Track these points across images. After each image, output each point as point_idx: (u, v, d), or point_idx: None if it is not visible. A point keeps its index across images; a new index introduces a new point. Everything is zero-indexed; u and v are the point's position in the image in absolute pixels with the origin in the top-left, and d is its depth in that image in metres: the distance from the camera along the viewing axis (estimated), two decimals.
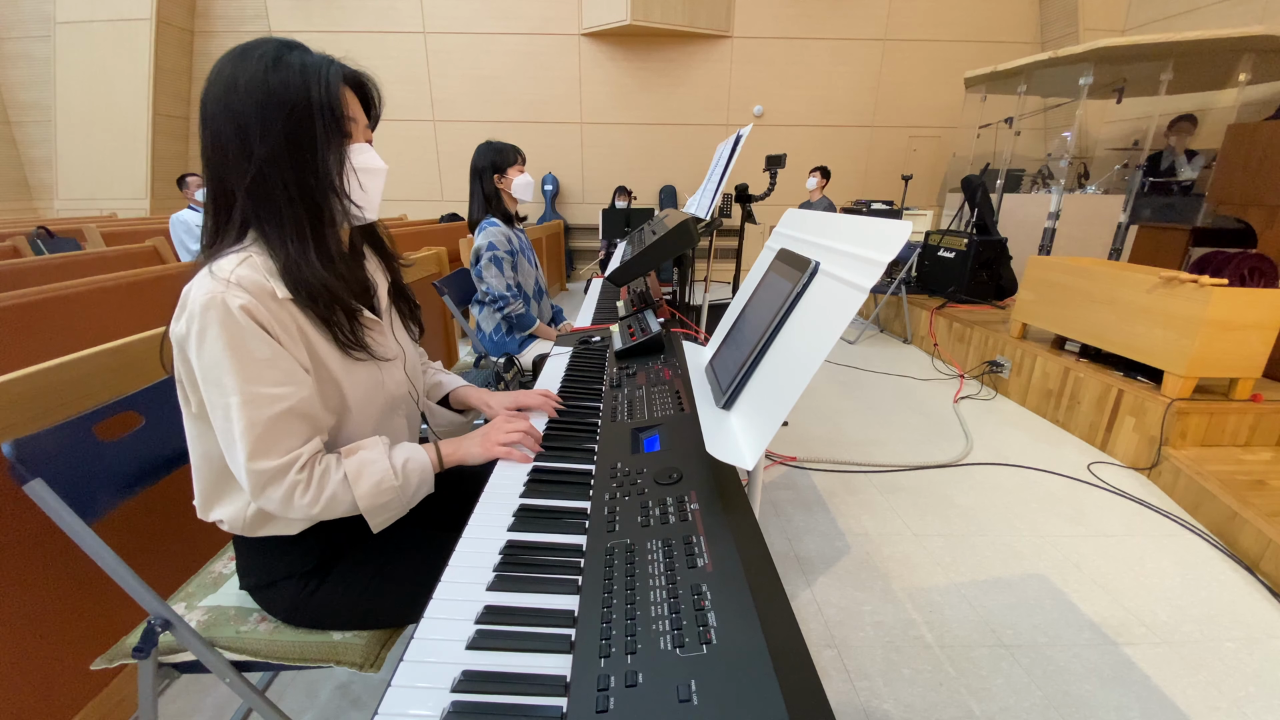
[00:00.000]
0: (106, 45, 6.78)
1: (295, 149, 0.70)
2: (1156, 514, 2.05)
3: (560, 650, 0.52)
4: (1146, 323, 2.39)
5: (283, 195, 0.71)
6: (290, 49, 0.72)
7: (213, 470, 0.79)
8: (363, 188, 0.78)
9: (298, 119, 0.70)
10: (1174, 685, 1.33)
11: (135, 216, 6.58)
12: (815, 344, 0.67)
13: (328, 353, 0.77)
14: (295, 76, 0.70)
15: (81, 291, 1.93)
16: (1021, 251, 4.31)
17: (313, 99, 0.70)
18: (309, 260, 0.73)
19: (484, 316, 2.12)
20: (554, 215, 7.39)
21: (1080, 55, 4.08)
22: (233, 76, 0.69)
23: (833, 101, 7.26)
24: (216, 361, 0.67)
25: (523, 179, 2.01)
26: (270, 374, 0.69)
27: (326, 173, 0.73)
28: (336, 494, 0.74)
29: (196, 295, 0.67)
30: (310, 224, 0.74)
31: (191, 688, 1.26)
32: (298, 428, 0.73)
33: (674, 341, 1.34)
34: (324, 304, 0.75)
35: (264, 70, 0.69)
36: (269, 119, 0.68)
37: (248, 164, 0.69)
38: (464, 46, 7.07)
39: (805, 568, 1.72)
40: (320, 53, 0.74)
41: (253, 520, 0.80)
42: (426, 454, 0.84)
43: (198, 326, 0.66)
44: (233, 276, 0.68)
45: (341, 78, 0.74)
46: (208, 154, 0.71)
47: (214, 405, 0.69)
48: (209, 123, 0.70)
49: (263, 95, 0.68)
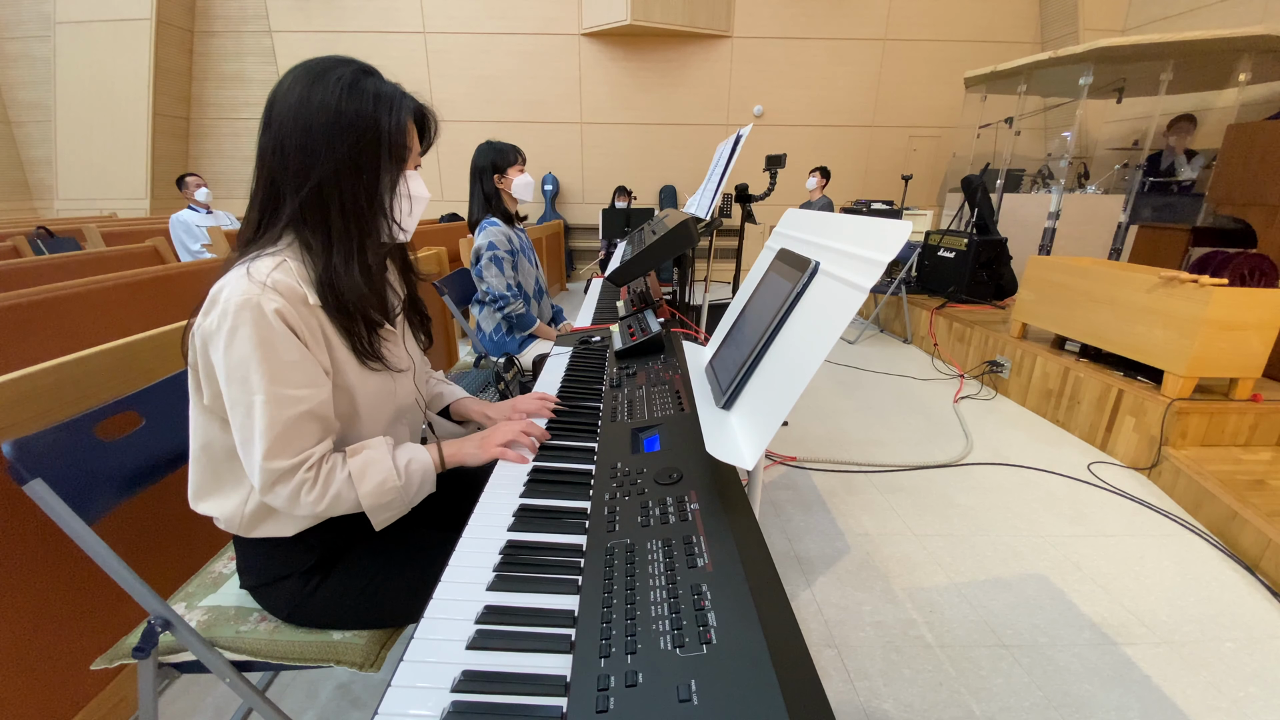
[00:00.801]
0: (106, 45, 6.78)
1: (356, 170, 0.74)
2: (1156, 514, 2.05)
3: (560, 650, 0.52)
4: (1146, 323, 2.39)
5: (336, 210, 0.74)
6: (367, 75, 0.76)
7: (211, 462, 0.80)
8: (410, 213, 0.82)
9: (365, 144, 0.74)
10: (1174, 685, 1.33)
11: (135, 216, 6.59)
12: (815, 344, 0.67)
13: (345, 360, 0.80)
14: (368, 105, 0.73)
15: (81, 291, 1.93)
16: (1021, 251, 4.31)
17: (381, 128, 0.74)
18: (350, 272, 0.76)
19: (484, 316, 2.12)
20: (554, 215, 7.39)
21: (1080, 55, 4.09)
22: (307, 92, 0.72)
23: (833, 101, 7.26)
24: (244, 360, 0.69)
25: (523, 179, 2.01)
26: (296, 376, 0.72)
27: (380, 197, 0.77)
28: (341, 492, 0.76)
29: (231, 294, 0.69)
30: (358, 240, 0.77)
31: (191, 688, 1.26)
32: (312, 429, 0.75)
33: (674, 341, 1.34)
34: (351, 314, 0.78)
35: (340, 93, 0.72)
36: (336, 139, 0.72)
37: (307, 176, 0.72)
38: (464, 46, 7.07)
39: (805, 568, 1.72)
40: (393, 83, 0.78)
41: (249, 519, 0.81)
42: (429, 455, 0.85)
43: (230, 324, 0.68)
44: (269, 280, 0.71)
45: (411, 111, 0.79)
46: (266, 157, 0.74)
47: (235, 402, 0.71)
48: (275, 129, 0.72)
49: (335, 116, 0.72)
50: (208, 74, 7.29)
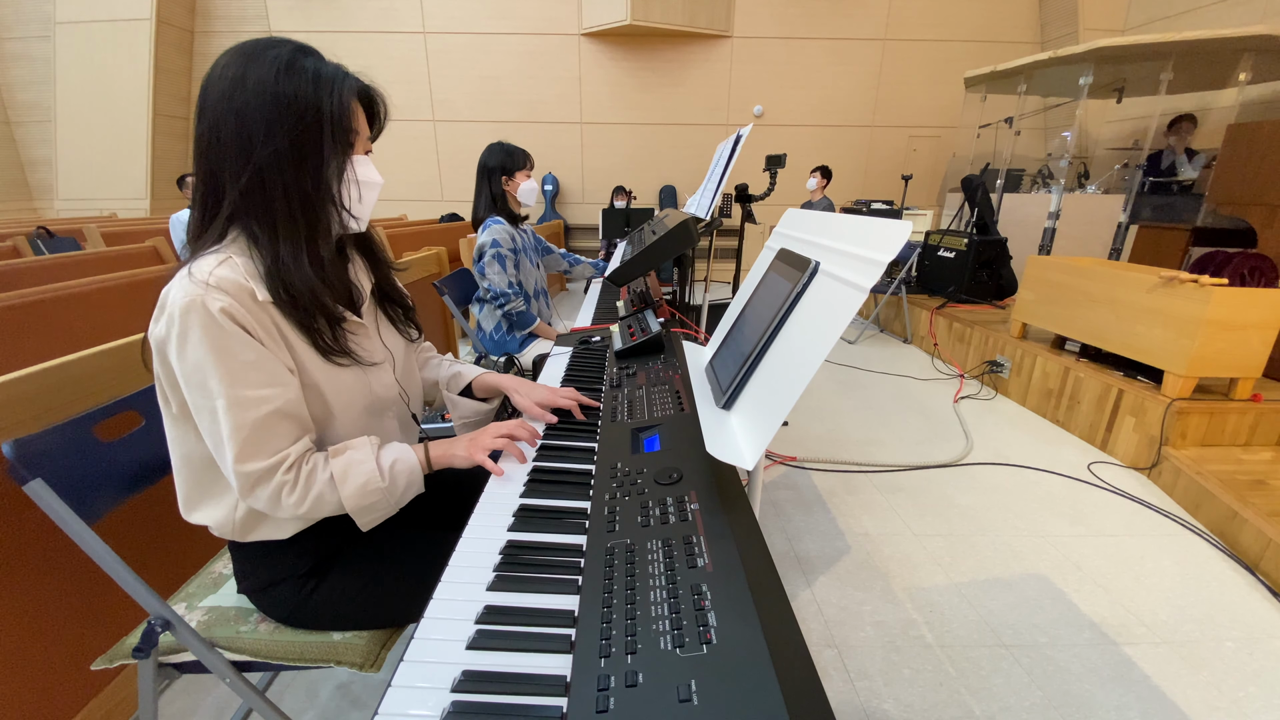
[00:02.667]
0: (106, 45, 6.78)
1: (298, 156, 0.70)
2: (1156, 514, 2.05)
3: (560, 650, 0.52)
4: (1146, 322, 2.39)
5: (280, 199, 0.70)
6: (305, 54, 0.71)
7: (193, 472, 0.78)
8: (360, 199, 0.78)
9: (305, 127, 0.70)
10: (1174, 685, 1.33)
11: (135, 216, 6.59)
12: (815, 344, 0.67)
13: (308, 357, 0.76)
14: (307, 85, 0.69)
15: (81, 291, 1.93)
16: (1021, 251, 4.31)
17: (323, 110, 0.70)
18: (300, 264, 0.72)
19: (484, 315, 2.12)
20: (554, 215, 7.39)
21: (1080, 55, 4.09)
22: (241, 73, 0.68)
23: (833, 101, 7.26)
24: (199, 365, 0.67)
25: (528, 185, 2.03)
26: (254, 376, 0.69)
27: (327, 183, 0.73)
28: (323, 494, 0.74)
29: (175, 297, 0.66)
30: (305, 230, 0.73)
31: (191, 688, 1.26)
32: (285, 428, 0.72)
33: (674, 341, 1.34)
34: (306, 309, 0.74)
35: (275, 73, 0.68)
36: (274, 122, 0.68)
37: (246, 163, 0.68)
38: (464, 46, 7.07)
39: (805, 568, 1.72)
40: (334, 63, 0.74)
41: (242, 525, 0.79)
42: (415, 455, 0.82)
43: (179, 329, 0.66)
44: (211, 279, 0.67)
45: (355, 91, 0.75)
46: (202, 146, 0.70)
47: (199, 408, 0.69)
48: (208, 115, 0.69)
49: (271, 98, 0.68)
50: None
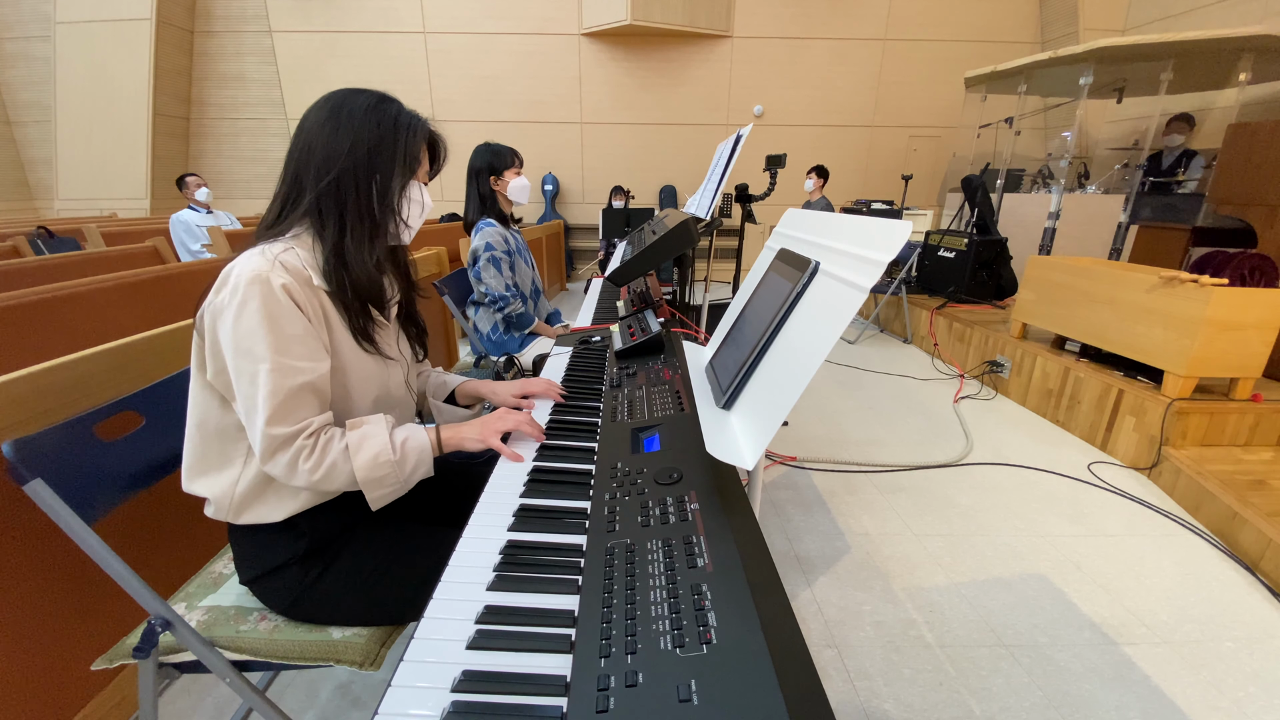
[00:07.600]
0: (106, 45, 6.77)
1: (372, 171, 0.85)
2: (1157, 514, 2.05)
3: (560, 650, 0.52)
4: (1146, 322, 2.39)
5: (353, 200, 0.84)
6: (390, 101, 0.88)
7: (204, 439, 0.83)
8: (415, 216, 0.93)
9: (383, 151, 0.85)
10: (1174, 685, 1.33)
11: (135, 216, 6.58)
12: (815, 344, 0.67)
13: (343, 340, 0.86)
14: (389, 121, 0.85)
15: (81, 291, 1.93)
16: (1021, 251, 4.31)
17: (399, 137, 0.86)
18: (360, 255, 0.85)
19: (480, 317, 2.12)
20: (554, 215, 7.38)
21: (1080, 55, 4.08)
22: (338, 104, 0.84)
23: (833, 101, 7.25)
24: (252, 331, 0.74)
25: (519, 182, 2.01)
26: (298, 348, 0.77)
27: (392, 195, 0.87)
28: (336, 463, 0.79)
29: (242, 270, 0.75)
30: (369, 229, 0.86)
31: (191, 688, 1.26)
32: (311, 400, 0.80)
33: (674, 341, 1.34)
34: (353, 295, 0.85)
35: (367, 107, 0.84)
36: (359, 141, 0.83)
37: (329, 171, 0.82)
38: (464, 46, 7.06)
39: (805, 568, 1.72)
40: (411, 110, 0.90)
41: (239, 501, 0.83)
42: (427, 435, 0.88)
43: (240, 298, 0.74)
44: (278, 259, 0.78)
45: (425, 134, 0.91)
46: (294, 155, 0.84)
47: (241, 371, 0.76)
48: (304, 132, 0.83)
49: (360, 123, 0.83)
50: (208, 74, 7.28)
